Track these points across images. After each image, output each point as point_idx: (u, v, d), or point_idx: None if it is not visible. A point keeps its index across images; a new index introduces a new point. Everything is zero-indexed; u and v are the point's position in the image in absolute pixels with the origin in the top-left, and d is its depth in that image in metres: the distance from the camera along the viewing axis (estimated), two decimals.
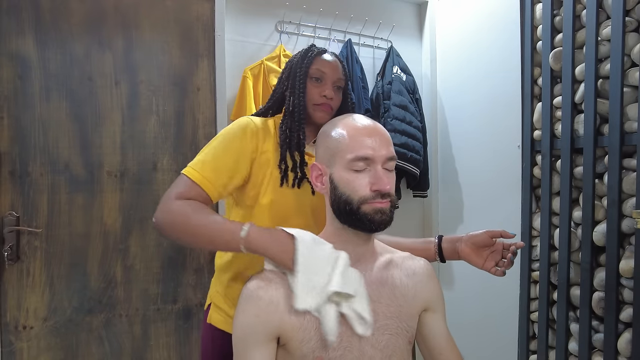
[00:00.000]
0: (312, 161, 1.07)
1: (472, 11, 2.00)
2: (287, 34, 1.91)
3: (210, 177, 0.97)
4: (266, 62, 1.82)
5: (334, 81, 1.10)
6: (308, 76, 1.10)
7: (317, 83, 1.09)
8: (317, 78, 1.09)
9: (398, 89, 1.97)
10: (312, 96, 1.09)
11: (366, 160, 0.80)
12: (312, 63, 1.10)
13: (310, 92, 1.09)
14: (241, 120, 1.06)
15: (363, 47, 2.10)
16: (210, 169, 0.97)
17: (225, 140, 1.02)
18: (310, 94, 1.09)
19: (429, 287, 0.92)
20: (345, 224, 0.83)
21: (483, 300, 1.95)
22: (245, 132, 1.03)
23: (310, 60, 1.10)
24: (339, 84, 1.12)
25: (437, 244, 1.07)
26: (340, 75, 1.11)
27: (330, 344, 0.77)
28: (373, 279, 0.86)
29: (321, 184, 0.86)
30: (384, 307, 0.84)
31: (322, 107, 1.09)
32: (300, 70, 1.10)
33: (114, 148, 1.65)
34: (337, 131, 0.84)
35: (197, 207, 0.91)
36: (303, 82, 1.09)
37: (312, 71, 1.10)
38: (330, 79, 1.10)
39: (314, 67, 1.10)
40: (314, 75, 1.09)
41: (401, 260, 0.92)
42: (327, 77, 1.09)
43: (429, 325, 0.91)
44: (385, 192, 0.79)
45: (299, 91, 1.09)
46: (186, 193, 0.94)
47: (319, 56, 1.11)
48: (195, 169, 0.97)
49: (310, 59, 1.10)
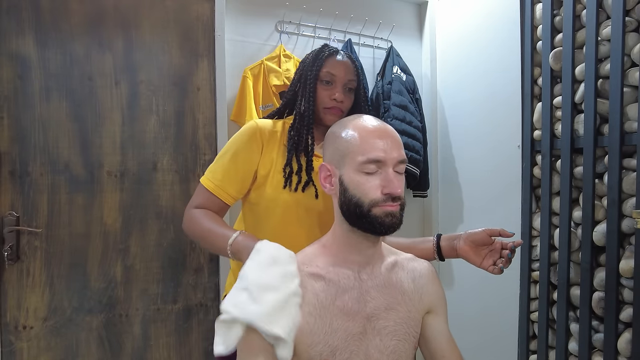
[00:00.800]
0: (318, 161, 1.08)
1: (472, 11, 2.00)
2: (287, 34, 1.91)
3: (224, 186, 1.05)
4: (266, 62, 1.82)
5: (344, 83, 1.10)
6: (318, 79, 1.09)
7: (327, 86, 1.09)
8: (327, 81, 1.09)
9: (398, 89, 1.96)
10: (322, 99, 1.09)
11: (378, 162, 0.79)
12: (322, 65, 1.09)
13: (321, 95, 1.09)
14: (248, 126, 1.10)
15: (363, 47, 2.10)
16: (223, 178, 1.05)
17: (234, 147, 1.08)
18: (320, 97, 1.09)
19: (433, 289, 0.92)
20: (355, 227, 0.82)
21: (483, 300, 1.95)
22: (251, 138, 1.07)
23: (320, 63, 1.10)
24: (350, 86, 1.11)
25: (435, 242, 1.07)
26: (351, 77, 1.11)
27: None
28: (383, 282, 0.85)
29: (330, 185, 0.85)
30: (395, 313, 0.84)
31: (332, 111, 1.09)
32: (311, 73, 1.10)
33: (114, 148, 1.65)
34: (347, 132, 0.83)
35: (206, 215, 1.02)
36: (313, 85, 1.09)
37: (322, 74, 1.09)
38: (340, 82, 1.09)
39: (325, 70, 1.09)
40: (324, 78, 1.09)
41: (406, 262, 0.92)
42: (337, 80, 1.09)
43: (431, 328, 0.91)
44: (396, 196, 0.79)
45: (309, 94, 1.09)
46: (204, 202, 1.05)
47: (330, 58, 1.10)
48: (210, 178, 1.06)
49: (321, 61, 1.10)
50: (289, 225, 1.07)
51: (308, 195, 1.07)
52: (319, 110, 1.10)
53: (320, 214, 1.09)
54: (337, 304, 0.80)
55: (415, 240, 1.10)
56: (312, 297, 0.80)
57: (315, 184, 1.09)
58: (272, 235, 0.98)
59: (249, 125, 1.10)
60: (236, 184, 1.06)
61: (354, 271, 0.84)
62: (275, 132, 1.11)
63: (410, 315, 0.86)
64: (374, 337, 0.82)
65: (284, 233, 1.06)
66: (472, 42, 2.01)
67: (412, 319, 0.86)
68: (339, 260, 0.84)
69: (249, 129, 1.09)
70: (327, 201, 1.09)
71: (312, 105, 1.09)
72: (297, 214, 1.07)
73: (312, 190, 1.08)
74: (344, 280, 0.82)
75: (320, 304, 0.79)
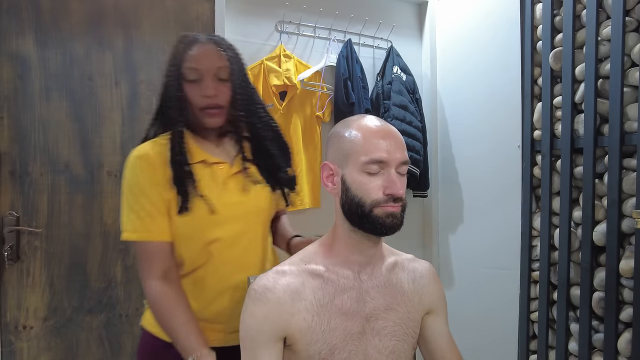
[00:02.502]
0: (225, 170, 1.02)
1: (472, 11, 2.00)
2: (287, 34, 1.91)
3: (151, 226, 0.94)
4: (266, 62, 1.81)
5: (213, 74, 0.95)
6: (182, 78, 0.95)
7: (194, 83, 0.95)
8: (192, 77, 0.95)
9: (398, 89, 1.97)
10: (194, 100, 0.96)
11: (380, 163, 0.79)
12: (182, 61, 0.95)
13: (191, 96, 0.96)
14: (131, 160, 0.98)
15: (363, 47, 2.10)
16: (145, 220, 0.94)
17: (133, 186, 0.97)
18: (191, 99, 0.96)
19: (433, 290, 0.92)
20: (356, 227, 0.82)
21: (483, 300, 1.95)
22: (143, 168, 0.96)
23: (180, 59, 0.95)
24: (222, 75, 0.96)
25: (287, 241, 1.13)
26: (219, 64, 0.95)
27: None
28: (383, 282, 0.86)
29: (332, 184, 0.85)
30: (394, 313, 0.84)
31: (209, 111, 0.97)
32: (172, 74, 0.96)
33: (114, 148, 1.65)
34: (351, 132, 0.83)
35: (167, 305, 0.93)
36: (178, 87, 0.95)
37: (185, 71, 0.95)
38: (208, 74, 0.95)
39: (186, 67, 0.95)
40: (188, 76, 0.95)
41: (407, 262, 0.92)
42: (204, 73, 0.95)
43: (432, 328, 0.91)
44: (398, 197, 0.79)
45: (176, 100, 0.96)
46: (153, 263, 0.94)
47: (189, 50, 0.95)
48: (135, 229, 0.95)
49: (178, 59, 0.95)
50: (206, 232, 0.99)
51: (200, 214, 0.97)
52: (195, 115, 0.98)
53: (249, 213, 1.04)
54: (335, 303, 0.80)
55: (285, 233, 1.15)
56: (310, 294, 0.80)
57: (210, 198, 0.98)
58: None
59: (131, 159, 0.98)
60: (162, 214, 0.95)
61: (354, 271, 0.84)
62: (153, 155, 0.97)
63: (409, 315, 0.86)
64: (372, 337, 0.82)
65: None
66: (472, 42, 2.01)
67: (411, 319, 0.86)
68: (340, 260, 0.84)
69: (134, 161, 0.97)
70: (261, 199, 1.06)
71: (182, 112, 0.96)
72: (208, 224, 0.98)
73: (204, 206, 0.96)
74: (343, 279, 0.83)
75: (318, 301, 0.80)
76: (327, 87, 1.94)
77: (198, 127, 1.01)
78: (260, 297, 0.79)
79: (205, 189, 0.98)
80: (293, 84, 1.82)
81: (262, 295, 0.79)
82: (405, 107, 1.96)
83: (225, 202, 1.00)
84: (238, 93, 1.00)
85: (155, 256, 0.95)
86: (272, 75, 1.81)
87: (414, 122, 1.98)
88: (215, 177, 1.01)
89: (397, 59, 2.06)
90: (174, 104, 0.96)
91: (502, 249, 1.83)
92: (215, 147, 1.04)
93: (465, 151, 2.09)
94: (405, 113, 1.95)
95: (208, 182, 1.00)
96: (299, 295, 0.79)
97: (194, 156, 0.99)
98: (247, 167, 1.06)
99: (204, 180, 0.99)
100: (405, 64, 2.08)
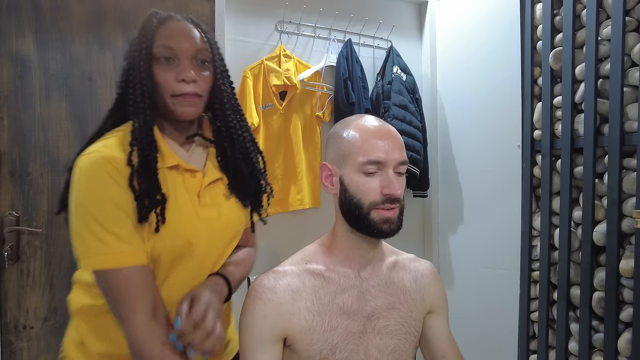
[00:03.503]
0: (199, 180, 0.87)
1: (472, 11, 2.00)
2: (287, 34, 1.91)
3: (123, 248, 0.73)
4: (266, 62, 1.81)
5: (192, 55, 0.79)
6: (152, 58, 0.78)
7: (168, 65, 0.78)
8: (166, 57, 0.78)
9: (398, 89, 1.97)
10: (165, 84, 0.78)
11: (378, 164, 0.79)
12: (153, 39, 0.78)
13: (162, 80, 0.78)
14: (91, 163, 0.76)
15: (363, 47, 2.10)
16: (116, 238, 0.73)
17: (100, 198, 0.74)
18: (161, 83, 0.78)
19: (435, 290, 0.92)
20: (354, 228, 0.82)
21: (483, 300, 1.95)
22: (112, 173, 0.75)
23: (151, 36, 0.78)
24: (203, 57, 0.81)
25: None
26: (200, 45, 0.80)
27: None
28: (385, 281, 0.86)
29: (331, 185, 0.85)
30: (396, 312, 0.84)
31: (184, 99, 0.78)
32: (139, 54, 0.77)
33: None
34: (349, 133, 0.83)
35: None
36: (147, 68, 0.77)
37: (156, 50, 0.78)
38: (186, 55, 0.78)
39: (159, 44, 0.78)
40: (161, 54, 0.78)
41: (408, 262, 0.92)
42: (181, 53, 0.78)
43: (433, 328, 0.92)
44: (395, 197, 0.79)
45: (142, 84, 0.77)
46: (133, 297, 0.73)
47: (163, 26, 0.79)
48: (99, 253, 0.73)
49: (148, 36, 0.78)
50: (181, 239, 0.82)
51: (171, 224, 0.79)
52: (165, 103, 0.79)
53: (215, 232, 0.86)
54: (336, 302, 0.80)
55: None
56: (311, 293, 0.80)
57: (185, 214, 0.81)
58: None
59: (94, 165, 0.75)
60: (133, 232, 0.76)
61: (354, 270, 0.84)
62: (116, 157, 0.76)
63: (411, 315, 0.86)
64: (374, 336, 0.82)
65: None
66: (472, 41, 2.01)
67: (413, 318, 0.86)
68: (340, 259, 0.84)
69: (91, 173, 0.75)
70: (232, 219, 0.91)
71: (149, 99, 0.77)
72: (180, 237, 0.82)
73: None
74: (343, 278, 0.83)
75: (318, 301, 0.80)
76: (327, 87, 1.94)
77: (165, 121, 0.83)
78: (260, 297, 0.79)
79: (181, 202, 0.81)
80: (293, 84, 1.82)
81: (262, 295, 0.79)
82: (405, 107, 1.96)
83: (201, 217, 0.84)
84: (220, 83, 0.85)
85: (146, 287, 0.76)
86: (272, 75, 1.81)
87: (414, 122, 1.98)
88: (188, 187, 0.84)
89: (397, 58, 2.06)
90: (139, 89, 0.77)
91: (502, 249, 1.84)
92: (184, 151, 0.86)
93: (465, 151, 2.09)
94: (405, 113, 1.95)
95: (182, 193, 0.82)
96: (300, 295, 0.79)
97: (165, 159, 0.81)
98: (221, 177, 0.90)
99: (178, 190, 0.81)
100: (405, 64, 2.08)
